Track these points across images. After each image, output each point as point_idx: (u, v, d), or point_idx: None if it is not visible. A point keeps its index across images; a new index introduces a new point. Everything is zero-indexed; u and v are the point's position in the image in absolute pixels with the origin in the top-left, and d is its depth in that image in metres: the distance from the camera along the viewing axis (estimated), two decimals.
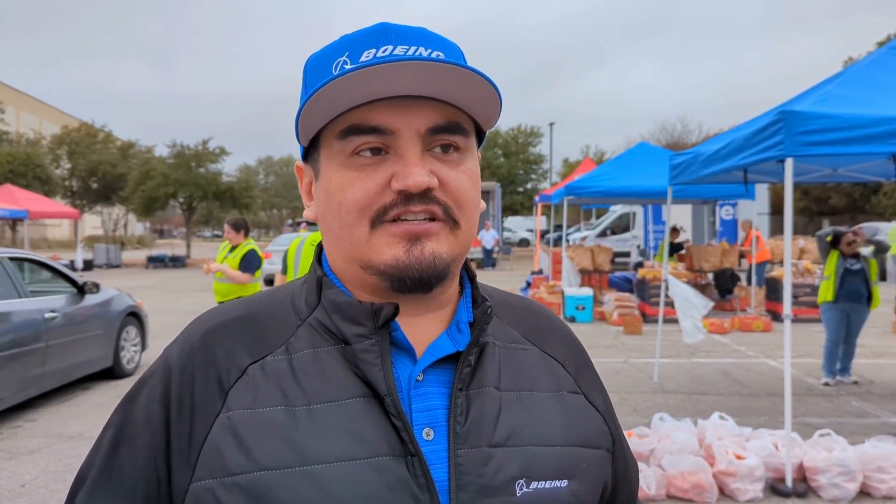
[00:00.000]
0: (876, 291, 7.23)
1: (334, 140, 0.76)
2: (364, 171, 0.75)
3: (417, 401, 0.75)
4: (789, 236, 4.61)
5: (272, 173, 68.26)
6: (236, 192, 31.40)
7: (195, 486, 0.72)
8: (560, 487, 0.77)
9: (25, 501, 4.41)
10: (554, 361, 0.88)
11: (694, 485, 4.27)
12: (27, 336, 6.23)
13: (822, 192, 32.65)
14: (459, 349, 0.78)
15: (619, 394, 6.91)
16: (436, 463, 0.73)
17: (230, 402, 0.74)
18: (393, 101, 0.73)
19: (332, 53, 0.78)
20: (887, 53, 5.11)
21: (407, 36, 0.76)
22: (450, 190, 0.75)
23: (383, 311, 0.76)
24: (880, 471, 4.35)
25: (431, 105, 0.74)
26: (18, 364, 6.08)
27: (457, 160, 0.77)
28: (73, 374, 7.03)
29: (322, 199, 0.79)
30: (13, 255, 6.79)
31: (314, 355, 0.77)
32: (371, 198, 0.74)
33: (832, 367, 7.33)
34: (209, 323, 0.81)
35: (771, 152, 4.49)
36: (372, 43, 0.75)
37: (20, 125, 42.97)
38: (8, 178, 27.31)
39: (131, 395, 0.81)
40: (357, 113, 0.74)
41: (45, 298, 6.81)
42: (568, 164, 43.49)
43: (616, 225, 24.66)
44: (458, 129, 0.76)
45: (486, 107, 0.77)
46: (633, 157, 12.30)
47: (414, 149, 0.74)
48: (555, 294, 13.08)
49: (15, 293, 6.36)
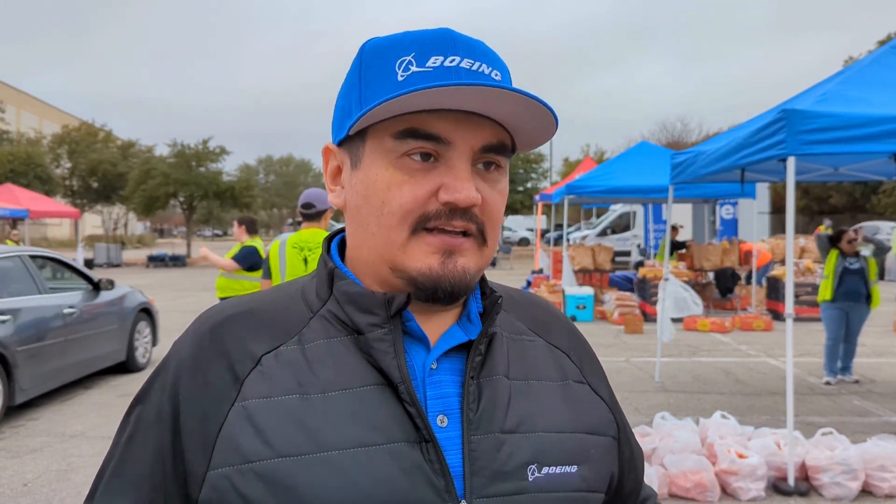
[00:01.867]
0: (875, 291, 7.25)
1: (388, 138, 0.76)
2: (414, 177, 0.75)
3: (432, 388, 0.77)
4: (791, 235, 4.62)
5: (272, 172, 68.37)
6: (236, 191, 31.41)
7: (212, 475, 0.72)
8: (571, 473, 0.79)
9: (28, 500, 4.42)
10: (559, 352, 0.91)
11: (696, 484, 4.28)
12: (48, 330, 6.48)
13: (823, 191, 32.66)
14: (471, 338, 0.80)
15: (621, 393, 6.91)
16: (450, 449, 0.74)
17: (245, 392, 0.74)
18: (454, 113, 0.74)
19: (396, 48, 0.77)
20: (888, 52, 5.12)
21: (471, 49, 0.77)
22: (487, 209, 0.77)
23: (395, 300, 0.77)
24: (882, 469, 4.36)
25: (488, 124, 0.76)
26: (40, 357, 6.32)
27: (496, 178, 0.79)
28: (91, 367, 7.25)
29: (360, 192, 0.79)
30: (33, 253, 7.10)
31: (327, 345, 0.78)
32: (418, 204, 0.75)
33: (833, 366, 7.36)
34: (218, 316, 0.81)
35: (773, 151, 4.49)
36: (440, 49, 0.75)
37: (21, 124, 42.98)
38: (8, 177, 27.32)
39: (144, 390, 0.82)
40: (418, 117, 0.74)
41: (64, 295, 7.04)
42: (568, 163, 43.52)
43: (616, 224, 24.66)
44: (504, 150, 0.78)
45: (539, 134, 0.79)
46: (634, 156, 12.32)
47: (466, 164, 0.75)
48: (555, 293, 13.08)
49: (36, 290, 6.63)
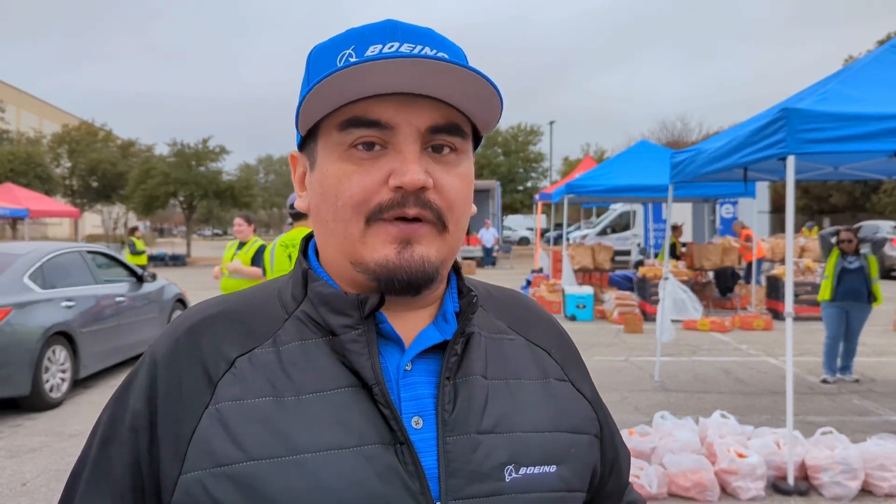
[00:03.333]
0: (877, 288, 7.26)
1: (334, 131, 0.76)
2: (362, 166, 0.75)
3: (406, 390, 0.76)
4: (790, 234, 4.62)
5: (272, 172, 68.32)
6: (236, 190, 31.40)
7: (184, 479, 0.72)
8: (549, 473, 0.78)
9: (27, 500, 4.41)
10: (540, 350, 0.89)
11: (696, 483, 4.27)
12: (104, 316, 7.55)
13: (823, 191, 32.65)
14: (446, 338, 0.79)
15: (621, 392, 6.91)
16: (425, 451, 0.73)
17: (219, 395, 0.74)
18: (395, 97, 0.73)
19: (337, 45, 0.78)
20: (887, 51, 5.11)
21: (414, 34, 0.76)
22: (443, 192, 0.75)
23: (369, 301, 0.76)
24: (882, 469, 4.35)
25: (433, 104, 0.75)
26: (98, 338, 7.38)
27: (452, 162, 0.77)
28: (136, 350, 8.11)
29: (317, 191, 0.79)
30: (90, 248, 8.23)
31: (302, 347, 0.77)
32: (369, 193, 0.74)
33: (832, 365, 7.39)
34: (195, 317, 0.81)
35: (773, 150, 4.48)
36: (379, 38, 0.75)
37: (20, 124, 42.95)
38: (8, 176, 27.28)
39: (119, 393, 0.81)
40: (359, 106, 0.74)
41: (114, 285, 8.09)
42: (568, 162, 43.47)
43: (616, 223, 24.63)
44: (456, 131, 0.76)
45: (486, 110, 0.77)
46: (634, 155, 12.31)
47: (413, 146, 0.74)
48: (555, 292, 13.08)
49: (93, 280, 7.68)
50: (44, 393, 6.43)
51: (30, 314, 6.41)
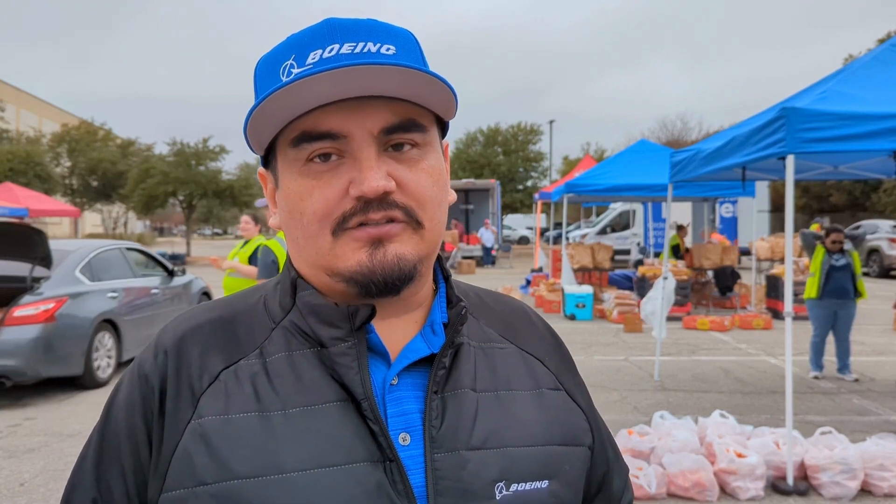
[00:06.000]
0: (861, 285, 7.34)
1: (288, 148, 0.74)
2: (321, 179, 0.73)
3: (392, 405, 0.74)
4: (790, 234, 4.61)
5: None
6: (236, 190, 31.35)
7: (165, 497, 0.70)
8: (540, 488, 0.76)
9: (25, 500, 4.41)
10: (533, 359, 0.87)
11: (695, 483, 4.27)
12: (142, 306, 8.30)
13: (823, 190, 32.62)
14: (434, 351, 0.77)
15: (620, 392, 6.91)
16: (413, 468, 0.72)
17: (201, 409, 0.72)
18: (343, 104, 0.71)
19: (279, 56, 0.75)
20: (887, 51, 5.10)
21: (354, 31, 0.73)
22: (409, 191, 0.73)
23: (359, 313, 0.74)
24: (881, 469, 4.35)
25: (384, 104, 0.72)
26: (138, 326, 8.07)
27: (415, 157, 0.74)
28: None
29: (284, 209, 0.77)
30: (128, 246, 8.98)
31: (289, 358, 0.75)
32: (331, 206, 0.72)
33: (819, 361, 7.52)
34: (181, 328, 0.79)
35: (772, 149, 4.48)
36: (318, 43, 0.72)
37: (20, 123, 42.93)
38: (8, 176, 27.23)
39: (107, 408, 0.80)
40: (308, 119, 0.72)
41: (149, 279, 8.78)
42: (568, 161, 43.44)
43: (616, 223, 24.65)
44: (413, 127, 0.74)
45: (440, 100, 0.75)
46: (634, 154, 12.33)
47: (368, 151, 0.71)
48: (555, 292, 13.07)
49: (131, 274, 8.43)
50: (94, 373, 7.22)
51: (82, 304, 7.19)
